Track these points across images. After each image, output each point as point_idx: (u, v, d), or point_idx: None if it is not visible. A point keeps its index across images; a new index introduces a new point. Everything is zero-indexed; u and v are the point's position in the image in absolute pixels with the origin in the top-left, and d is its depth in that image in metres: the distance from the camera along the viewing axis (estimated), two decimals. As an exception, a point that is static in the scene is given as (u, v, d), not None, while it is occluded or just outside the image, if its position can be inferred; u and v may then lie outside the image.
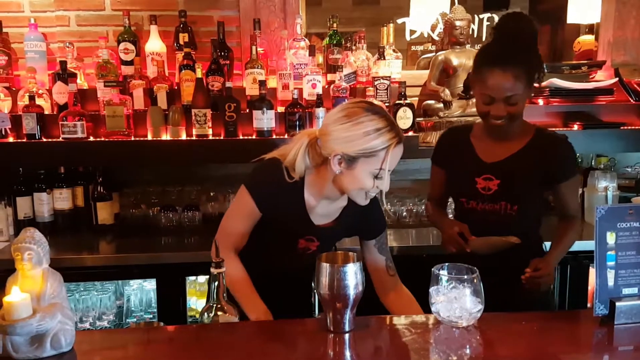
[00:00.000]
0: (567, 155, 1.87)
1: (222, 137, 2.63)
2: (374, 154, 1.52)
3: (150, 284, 2.66)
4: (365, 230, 1.81)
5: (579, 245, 1.91)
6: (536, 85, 1.83)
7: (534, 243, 1.93)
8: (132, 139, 2.63)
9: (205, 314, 1.41)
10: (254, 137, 2.62)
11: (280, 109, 2.73)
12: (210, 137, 2.62)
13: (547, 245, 1.93)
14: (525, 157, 1.85)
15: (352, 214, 1.75)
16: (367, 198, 1.63)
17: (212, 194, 2.88)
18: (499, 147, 1.88)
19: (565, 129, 2.79)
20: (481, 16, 3.96)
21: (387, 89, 2.77)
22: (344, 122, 1.53)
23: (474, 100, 2.77)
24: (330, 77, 2.86)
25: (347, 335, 1.35)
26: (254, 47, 2.75)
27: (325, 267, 1.33)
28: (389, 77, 2.80)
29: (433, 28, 3.20)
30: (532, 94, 1.83)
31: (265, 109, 2.58)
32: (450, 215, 2.30)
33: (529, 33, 1.79)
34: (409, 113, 2.71)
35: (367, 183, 1.56)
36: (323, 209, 1.73)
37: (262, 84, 2.60)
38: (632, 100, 2.89)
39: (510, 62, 1.73)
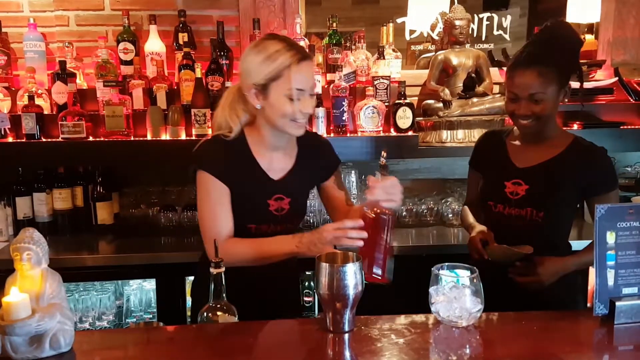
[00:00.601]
0: (605, 168, 1.83)
1: (221, 137, 2.62)
2: (279, 75, 1.58)
3: (150, 284, 2.65)
4: (322, 170, 1.84)
5: (578, 245, 1.91)
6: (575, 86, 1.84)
7: (562, 252, 1.89)
8: (132, 138, 2.63)
9: (205, 314, 1.41)
10: (253, 136, 2.61)
11: (280, 109, 2.72)
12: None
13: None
14: (559, 165, 1.82)
15: (307, 157, 1.79)
16: (298, 126, 1.65)
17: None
18: (533, 152, 1.87)
19: (565, 128, 2.79)
20: (481, 15, 3.97)
21: (386, 89, 2.77)
22: (249, 55, 1.64)
23: (474, 100, 2.77)
24: (329, 76, 2.86)
25: (346, 335, 1.35)
26: (253, 47, 2.75)
27: (325, 267, 1.32)
28: (389, 76, 2.80)
29: (433, 27, 3.20)
30: (565, 99, 1.82)
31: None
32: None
33: (566, 38, 1.79)
34: (408, 113, 2.71)
35: (286, 108, 1.60)
36: (278, 163, 1.75)
37: (262, 83, 2.60)
38: (631, 100, 2.89)
39: (536, 60, 1.74)
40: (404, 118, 2.71)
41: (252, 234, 1.70)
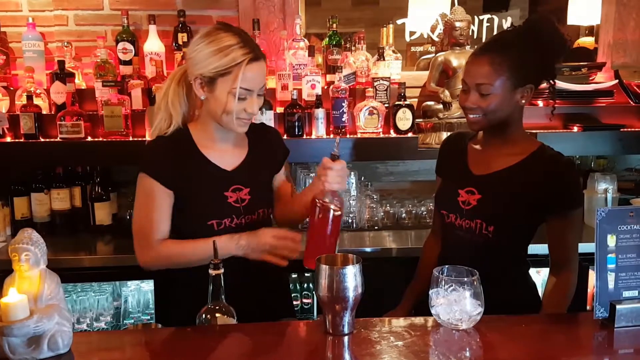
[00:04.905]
0: (567, 183, 1.63)
1: (220, 138, 2.61)
2: (228, 71, 1.53)
3: (148, 285, 2.64)
4: (275, 160, 1.83)
5: (581, 248, 1.87)
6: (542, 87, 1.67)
7: (514, 276, 1.75)
8: (130, 139, 2.62)
9: (203, 315, 1.40)
10: (252, 137, 2.61)
11: (280, 110, 2.72)
12: (209, 138, 2.61)
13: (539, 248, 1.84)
14: (517, 174, 1.64)
15: (258, 147, 1.76)
16: (242, 125, 1.62)
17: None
18: (492, 159, 1.70)
19: (565, 130, 2.79)
20: (481, 17, 3.96)
21: (386, 90, 2.77)
22: (200, 43, 1.57)
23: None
24: (329, 77, 2.85)
25: (346, 338, 1.34)
26: (253, 48, 2.74)
27: (325, 268, 1.32)
28: (389, 77, 2.80)
29: (433, 29, 3.19)
30: (523, 100, 1.62)
31: (264, 109, 2.56)
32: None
33: (544, 35, 1.58)
34: (408, 114, 2.71)
35: (230, 105, 1.55)
36: (229, 155, 1.71)
37: (261, 84, 2.59)
38: (632, 103, 2.89)
39: (492, 47, 1.58)
40: (404, 119, 2.70)
41: (216, 232, 1.64)
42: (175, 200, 1.66)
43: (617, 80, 2.91)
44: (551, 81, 1.70)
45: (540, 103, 2.84)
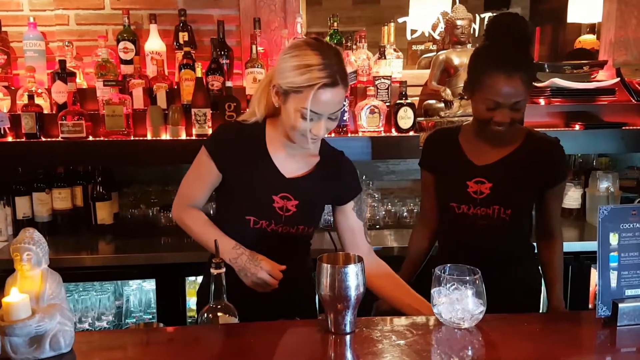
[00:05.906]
0: (558, 159, 1.84)
1: (222, 137, 2.61)
2: (299, 90, 1.51)
3: (150, 285, 2.65)
4: (341, 191, 1.76)
5: (580, 246, 1.90)
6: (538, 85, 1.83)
7: (525, 250, 1.94)
8: (132, 138, 2.62)
9: (205, 314, 1.40)
10: (254, 136, 2.60)
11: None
12: (210, 137, 2.61)
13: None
14: (517, 159, 1.82)
15: (327, 170, 1.73)
16: (308, 142, 1.59)
17: (212, 193, 2.86)
18: (489, 149, 1.84)
19: (566, 129, 2.79)
20: (482, 15, 3.96)
21: (387, 89, 2.77)
22: (287, 53, 1.55)
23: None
24: (330, 76, 2.84)
25: (348, 337, 1.34)
26: (254, 46, 2.74)
27: (326, 267, 1.32)
28: (390, 76, 2.79)
29: (434, 27, 3.19)
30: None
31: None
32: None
33: (527, 34, 1.75)
34: (409, 113, 2.70)
35: (296, 122, 1.54)
36: (294, 163, 1.70)
37: (263, 83, 2.59)
38: (633, 100, 2.88)
39: (516, 66, 1.68)
40: (405, 118, 2.70)
41: (250, 228, 1.66)
42: (223, 183, 1.71)
43: (618, 78, 2.90)
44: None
45: (542, 102, 2.84)
